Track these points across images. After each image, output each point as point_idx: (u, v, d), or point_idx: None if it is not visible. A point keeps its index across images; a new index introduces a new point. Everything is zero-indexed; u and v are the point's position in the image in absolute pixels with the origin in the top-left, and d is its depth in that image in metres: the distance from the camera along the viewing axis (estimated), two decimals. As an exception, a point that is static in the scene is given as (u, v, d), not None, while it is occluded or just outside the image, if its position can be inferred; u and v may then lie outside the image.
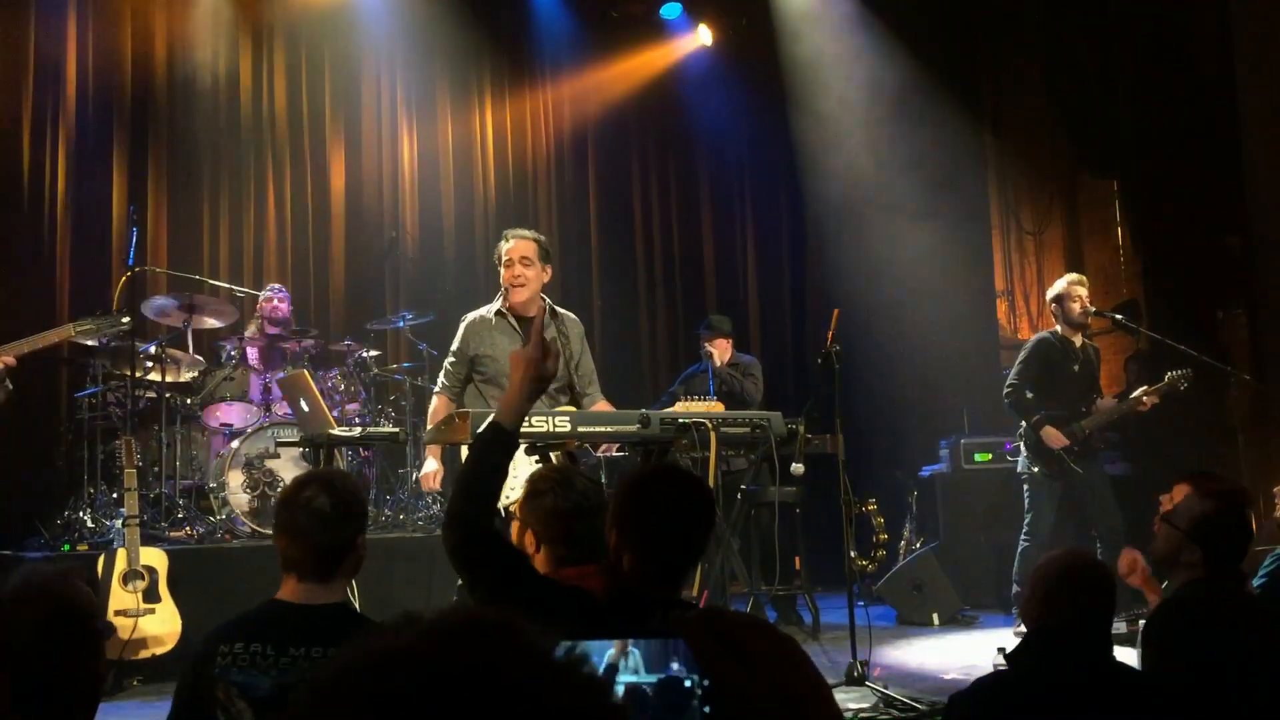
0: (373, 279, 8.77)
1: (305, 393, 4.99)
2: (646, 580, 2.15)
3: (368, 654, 0.69)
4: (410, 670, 0.67)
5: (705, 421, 4.51)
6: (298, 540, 2.43)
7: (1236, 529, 2.97)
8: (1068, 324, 6.40)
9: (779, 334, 9.98)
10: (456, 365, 4.90)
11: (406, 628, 0.71)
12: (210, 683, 2.31)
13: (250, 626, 2.41)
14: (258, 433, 6.52)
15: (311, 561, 2.44)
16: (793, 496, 6.60)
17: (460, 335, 4.93)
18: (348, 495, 2.49)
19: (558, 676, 0.69)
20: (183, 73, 8.25)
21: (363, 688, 0.67)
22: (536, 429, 4.24)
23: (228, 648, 2.35)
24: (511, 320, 4.89)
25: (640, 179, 9.94)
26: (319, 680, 0.70)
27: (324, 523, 2.42)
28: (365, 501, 2.64)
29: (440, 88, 9.20)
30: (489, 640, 0.69)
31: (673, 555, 2.19)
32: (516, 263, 4.87)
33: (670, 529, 2.18)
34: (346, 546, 2.47)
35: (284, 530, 2.46)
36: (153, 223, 7.99)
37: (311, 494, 2.44)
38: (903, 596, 7.05)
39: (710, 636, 0.99)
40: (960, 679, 5.00)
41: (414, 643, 0.69)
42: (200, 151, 8.28)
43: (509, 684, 0.66)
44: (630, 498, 2.25)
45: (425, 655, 0.68)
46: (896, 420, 8.69)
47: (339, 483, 2.53)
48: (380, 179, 8.93)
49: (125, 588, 5.30)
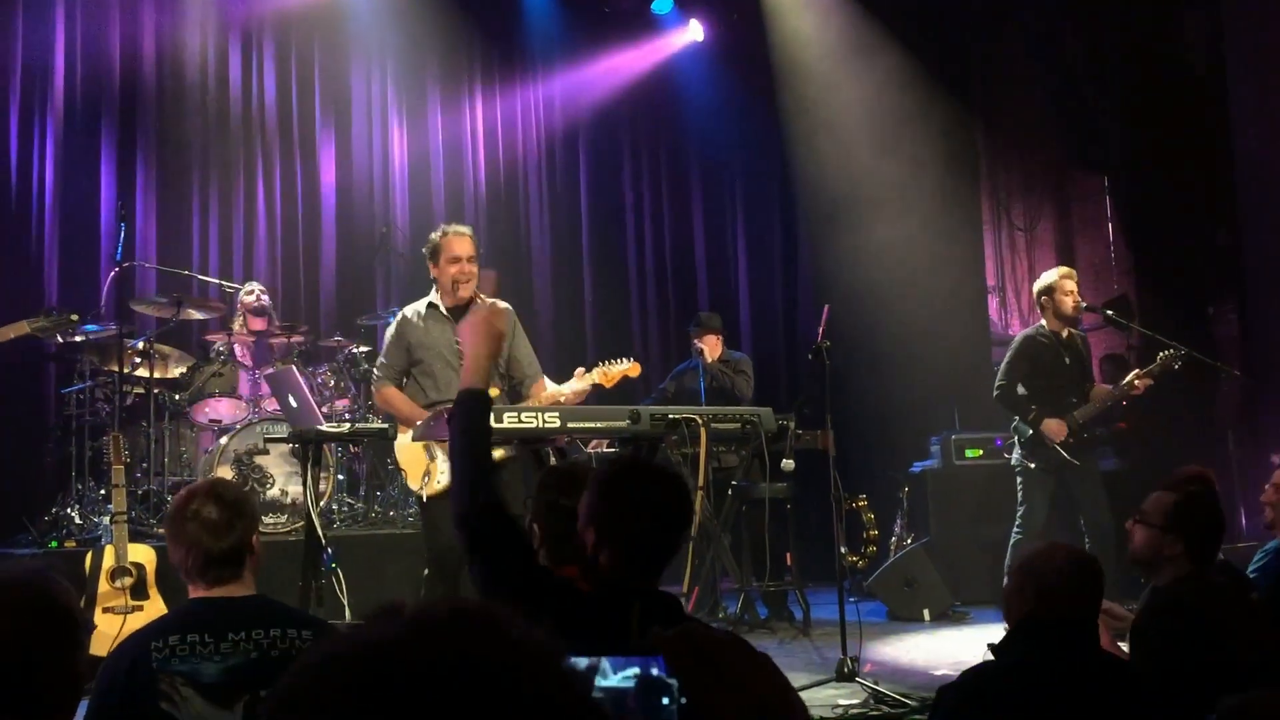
0: (363, 275, 8.75)
1: (294, 389, 4.97)
2: (626, 575, 2.15)
3: (350, 646, 0.69)
4: (391, 662, 0.67)
5: (695, 417, 4.51)
6: (193, 550, 2.47)
7: (1208, 508, 3.04)
8: (1058, 318, 6.39)
9: (770, 330, 9.97)
10: (395, 355, 4.99)
11: (388, 619, 0.71)
12: (148, 679, 2.32)
13: (179, 622, 2.45)
14: (247, 429, 6.49)
15: (214, 568, 2.48)
16: (784, 492, 6.60)
17: (394, 330, 5.05)
18: (233, 500, 2.55)
19: (538, 670, 0.68)
20: (172, 68, 8.22)
21: (344, 679, 0.67)
22: (526, 425, 4.23)
23: (161, 642, 2.36)
24: (442, 310, 4.96)
25: (631, 175, 9.93)
26: (299, 671, 0.70)
27: (215, 530, 2.46)
28: (254, 504, 2.72)
29: (430, 83, 9.17)
30: (470, 632, 0.69)
31: (652, 548, 2.19)
32: (464, 260, 4.89)
33: (648, 522, 2.18)
34: (243, 547, 2.51)
35: (178, 541, 2.50)
36: (141, 219, 7.96)
37: (198, 505, 2.49)
38: (894, 592, 7.05)
39: (689, 654, 0.99)
40: (951, 675, 4.98)
41: (395, 634, 0.69)
42: (189, 147, 8.24)
43: (489, 676, 0.66)
44: (605, 495, 2.25)
45: (406, 647, 0.68)
46: (887, 416, 8.69)
47: (224, 490, 2.60)
48: (370, 174, 8.91)
49: (113, 584, 5.27)
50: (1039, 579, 2.34)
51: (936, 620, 6.81)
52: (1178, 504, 3.06)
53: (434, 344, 4.91)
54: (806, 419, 6.35)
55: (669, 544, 2.22)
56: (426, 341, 4.93)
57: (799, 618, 6.57)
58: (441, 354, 4.90)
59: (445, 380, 4.83)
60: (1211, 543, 3.12)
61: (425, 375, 4.91)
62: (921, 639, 6.26)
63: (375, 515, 6.86)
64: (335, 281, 8.64)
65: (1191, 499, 3.08)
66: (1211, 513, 3.12)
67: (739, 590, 6.61)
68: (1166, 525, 2.99)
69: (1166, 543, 2.98)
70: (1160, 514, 3.03)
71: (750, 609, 6.62)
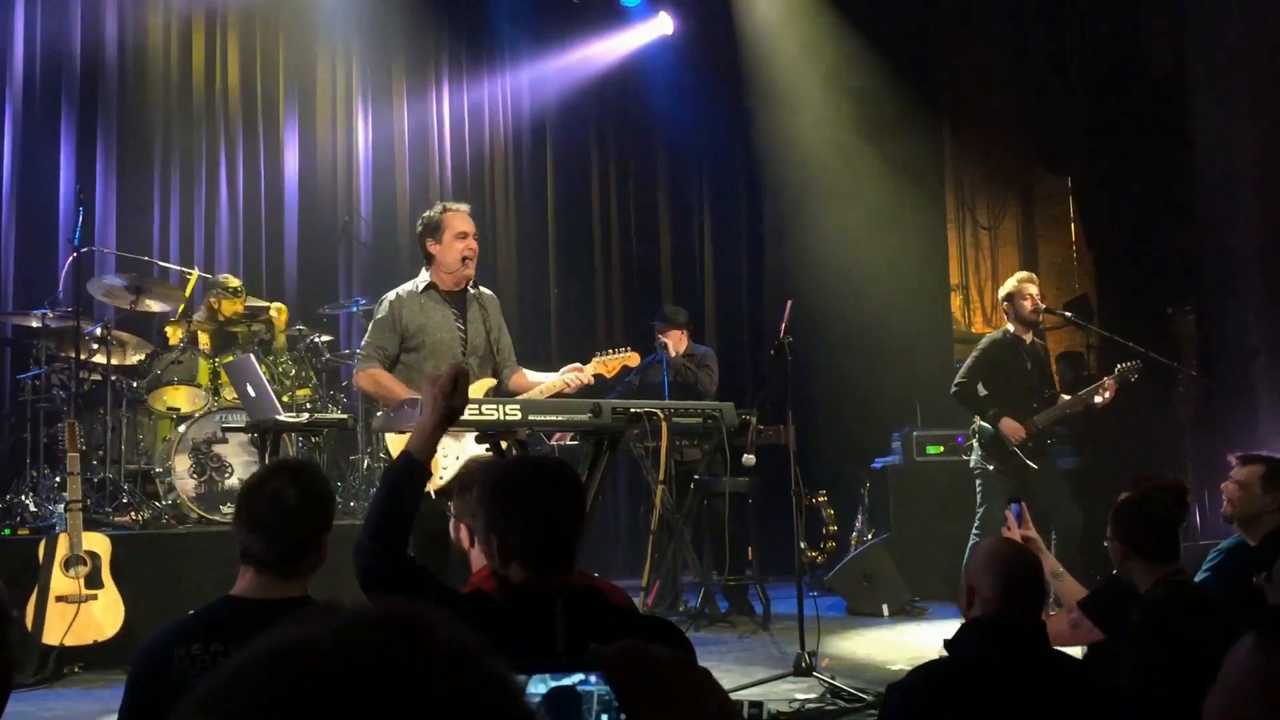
0: (326, 263, 8.67)
1: (251, 378, 4.93)
2: (538, 570, 2.13)
3: (273, 646, 0.69)
4: (313, 662, 0.66)
5: (657, 411, 4.50)
6: (258, 532, 2.32)
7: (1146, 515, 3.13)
8: (1019, 321, 6.45)
9: (735, 325, 9.99)
10: (386, 338, 4.75)
11: (320, 620, 0.70)
12: (169, 689, 2.17)
13: (207, 626, 2.28)
14: (205, 417, 6.43)
15: (272, 555, 2.32)
16: (745, 487, 6.62)
17: (387, 310, 4.80)
18: (315, 489, 2.39)
19: (467, 674, 0.68)
20: (134, 51, 8.10)
21: (264, 679, 0.66)
22: (487, 417, 4.20)
23: (183, 650, 2.22)
24: (440, 293, 4.84)
25: (598, 167, 9.90)
26: (222, 671, 0.69)
27: (288, 516, 2.31)
28: (333, 497, 2.52)
29: (397, 71, 9.11)
30: (398, 633, 0.68)
31: (557, 539, 2.16)
32: (471, 235, 4.82)
33: (545, 515, 2.15)
34: (309, 542, 2.36)
35: (245, 521, 2.34)
36: (101, 203, 7.85)
37: (278, 485, 2.34)
38: (853, 587, 7.09)
39: (629, 671, 0.99)
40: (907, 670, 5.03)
41: (320, 634, 0.68)
42: (151, 132, 8.13)
43: (414, 678, 0.65)
44: (496, 502, 2.20)
45: (331, 647, 0.67)
46: (850, 412, 8.74)
47: (307, 475, 2.42)
48: (334, 162, 8.83)
49: (67, 573, 5.21)
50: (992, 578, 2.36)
51: (895, 616, 6.87)
52: (1125, 505, 3.16)
53: (435, 327, 4.74)
54: (769, 414, 6.38)
55: (570, 530, 2.18)
56: (427, 324, 4.74)
57: (759, 612, 6.59)
58: (443, 338, 4.74)
59: (447, 364, 4.69)
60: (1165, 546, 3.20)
61: (424, 360, 4.70)
62: (880, 634, 6.30)
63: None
64: (297, 270, 8.56)
65: (1135, 507, 3.18)
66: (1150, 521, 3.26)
67: (699, 584, 6.63)
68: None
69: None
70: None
71: (710, 603, 6.64)
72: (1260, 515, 3.84)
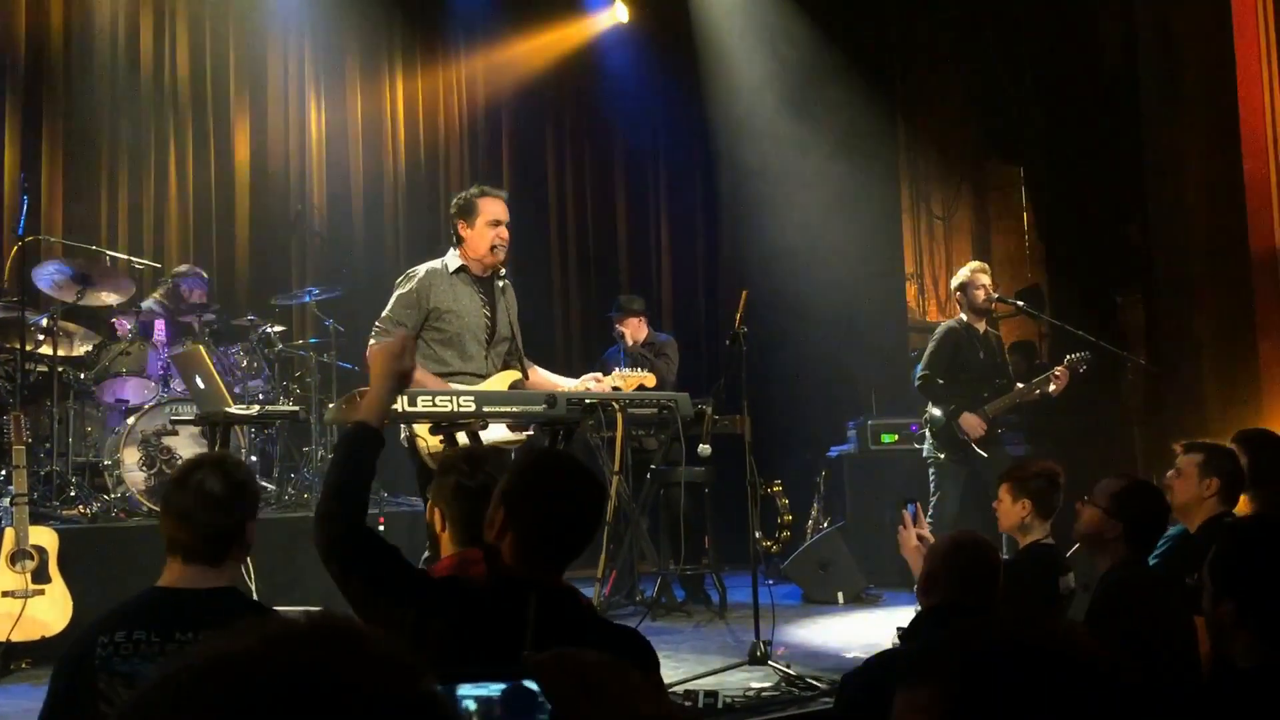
0: (278, 253, 8.56)
1: (200, 369, 4.86)
2: (529, 564, 2.13)
3: (202, 656, 0.68)
4: (242, 673, 0.65)
5: (612, 402, 4.50)
6: (185, 522, 2.39)
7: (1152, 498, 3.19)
8: (972, 311, 6.53)
9: (692, 314, 10.00)
10: (410, 315, 4.62)
11: (250, 631, 0.70)
12: (91, 676, 2.24)
13: (130, 614, 2.35)
14: (155, 409, 6.34)
15: (199, 545, 2.40)
16: (702, 476, 6.64)
17: (414, 286, 4.68)
18: (239, 478, 2.47)
19: (395, 686, 0.67)
20: (80, 37, 7.94)
21: (191, 690, 0.65)
22: (440, 409, 4.18)
23: (107, 638, 2.28)
24: (470, 277, 4.77)
25: (555, 156, 9.86)
26: (151, 682, 0.68)
27: (214, 505, 2.38)
28: (257, 486, 2.62)
29: (349, 58, 8.99)
30: (327, 645, 0.67)
31: (557, 540, 2.16)
32: (504, 225, 4.77)
33: (559, 512, 2.16)
34: (236, 530, 2.43)
35: (171, 512, 2.42)
36: (46, 192, 7.69)
37: (203, 476, 2.41)
38: (808, 575, 7.13)
39: (562, 676, 0.98)
40: (862, 657, 5.05)
41: (249, 646, 0.67)
42: (98, 120, 7.97)
43: (342, 690, 0.65)
44: (523, 475, 2.22)
45: (260, 658, 0.66)
46: (805, 401, 8.78)
47: (231, 466, 2.51)
48: (286, 151, 8.71)
49: (13, 568, 5.12)
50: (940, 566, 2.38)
51: (850, 603, 6.91)
52: (1124, 489, 3.19)
53: (464, 311, 4.66)
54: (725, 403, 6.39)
55: (575, 541, 2.18)
56: (456, 307, 4.66)
57: (716, 601, 6.61)
58: (469, 323, 4.67)
59: (472, 351, 4.64)
60: (1151, 532, 3.26)
61: (448, 342, 4.63)
62: (835, 622, 6.34)
63: (288, 498, 6.75)
64: (249, 259, 8.45)
65: (1135, 487, 3.21)
66: (1154, 503, 3.27)
67: (656, 573, 6.64)
68: (1110, 509, 3.13)
69: (1109, 525, 3.12)
70: (1105, 497, 3.15)
71: (667, 592, 6.65)
72: (1197, 503, 3.82)
